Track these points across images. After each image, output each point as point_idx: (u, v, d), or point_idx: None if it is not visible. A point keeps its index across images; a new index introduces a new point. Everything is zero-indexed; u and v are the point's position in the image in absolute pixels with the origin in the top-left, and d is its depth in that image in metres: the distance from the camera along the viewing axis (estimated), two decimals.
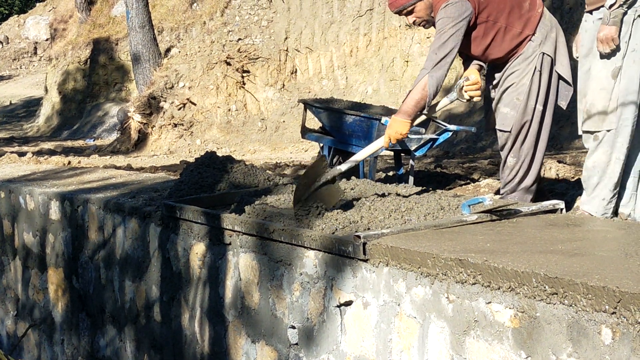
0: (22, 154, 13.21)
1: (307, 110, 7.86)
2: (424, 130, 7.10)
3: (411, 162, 7.02)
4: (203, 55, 17.95)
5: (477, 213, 3.93)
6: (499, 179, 7.41)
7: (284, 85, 17.41)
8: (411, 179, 6.76)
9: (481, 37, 5.02)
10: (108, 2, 24.39)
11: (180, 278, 4.87)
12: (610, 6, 4.20)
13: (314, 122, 8.48)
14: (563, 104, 5.24)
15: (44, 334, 6.70)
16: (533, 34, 5.06)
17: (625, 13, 4.44)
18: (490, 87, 5.26)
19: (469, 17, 4.87)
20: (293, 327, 3.95)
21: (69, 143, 20.14)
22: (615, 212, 4.84)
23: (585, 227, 3.72)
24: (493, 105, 5.27)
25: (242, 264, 4.29)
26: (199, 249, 4.66)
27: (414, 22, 5.12)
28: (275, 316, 4.07)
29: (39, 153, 15.77)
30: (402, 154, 7.49)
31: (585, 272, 2.77)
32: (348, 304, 3.63)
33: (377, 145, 4.72)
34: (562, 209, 4.16)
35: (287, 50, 17.67)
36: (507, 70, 5.12)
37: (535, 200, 5.15)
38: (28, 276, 6.82)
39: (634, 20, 4.55)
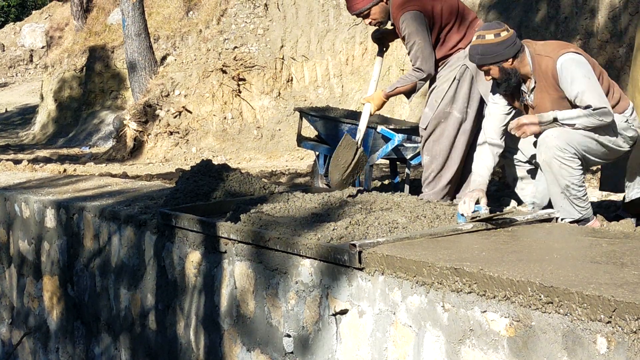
0: (17, 162, 13.19)
1: (303, 118, 7.86)
2: (419, 139, 7.10)
3: (407, 170, 7.01)
4: (199, 63, 17.95)
5: (473, 222, 3.93)
6: (497, 184, 7.42)
7: (279, 93, 17.42)
8: (407, 187, 6.76)
9: None
10: (104, 10, 24.41)
11: (175, 286, 4.86)
12: (555, 119, 4.35)
13: (309, 131, 8.48)
14: None
15: (39, 342, 6.68)
16: (464, 48, 5.53)
17: None
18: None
19: (425, 20, 5.51)
20: (288, 336, 3.94)
21: (65, 151, 20.12)
22: None
23: (581, 237, 3.73)
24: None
25: (237, 272, 4.29)
26: (194, 257, 4.66)
27: (370, 23, 5.82)
28: (271, 325, 4.07)
29: (35, 161, 15.75)
30: (397, 162, 7.49)
31: (581, 281, 2.78)
32: (343, 312, 3.63)
33: (367, 111, 5.79)
34: (557, 218, 4.17)
35: (283, 59, 17.68)
36: (435, 76, 5.67)
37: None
38: (23, 284, 6.81)
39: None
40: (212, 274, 4.51)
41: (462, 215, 4.04)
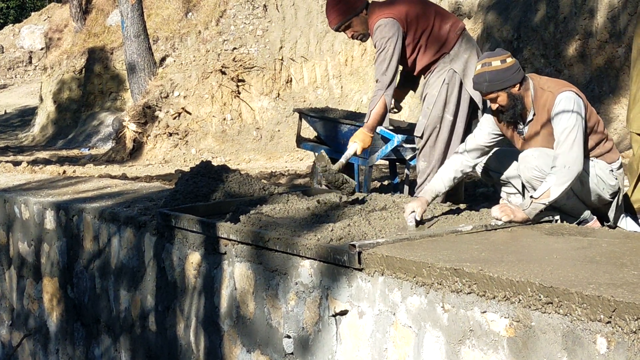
0: (17, 163, 13.20)
1: (302, 119, 7.87)
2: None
3: (406, 171, 7.02)
4: (198, 64, 17.96)
5: (473, 223, 3.94)
6: (493, 188, 7.40)
7: (279, 94, 17.42)
8: (406, 188, 6.76)
9: (407, 54, 5.65)
10: (103, 12, 24.42)
11: (175, 287, 4.86)
12: (533, 198, 4.21)
13: (309, 132, 8.48)
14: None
15: (39, 344, 6.69)
16: (448, 53, 5.61)
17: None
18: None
19: (400, 34, 5.52)
20: (288, 337, 3.94)
21: (64, 152, 20.12)
22: None
23: (581, 237, 3.73)
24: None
25: (237, 273, 4.29)
26: (194, 259, 4.66)
27: (352, 36, 5.80)
28: (271, 326, 4.07)
29: (34, 162, 15.76)
30: (397, 163, 7.49)
31: (580, 282, 2.78)
32: (343, 313, 3.63)
33: (352, 151, 5.52)
34: (557, 219, 4.17)
35: (282, 60, 17.69)
36: (425, 83, 5.73)
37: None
38: (23, 285, 6.81)
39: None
40: (212, 275, 4.51)
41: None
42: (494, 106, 4.55)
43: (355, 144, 5.52)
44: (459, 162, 4.68)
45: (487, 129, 4.71)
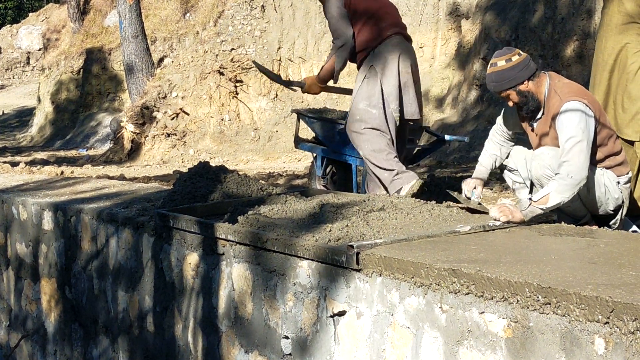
0: (14, 164, 13.20)
1: (300, 120, 7.87)
2: (417, 140, 7.10)
3: None
4: (196, 65, 17.95)
5: (471, 224, 3.94)
6: (491, 189, 7.42)
7: (277, 95, 17.42)
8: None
9: None
10: (101, 12, 24.42)
11: (173, 288, 4.86)
12: (532, 201, 4.20)
13: (307, 132, 8.48)
14: (415, 117, 5.99)
15: (37, 345, 6.68)
16: (374, 49, 5.85)
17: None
18: None
19: (342, 5, 5.86)
20: (286, 338, 3.94)
21: (62, 153, 20.12)
22: None
23: (579, 238, 3.73)
24: None
25: (235, 274, 4.29)
26: (192, 259, 4.65)
27: None
28: (269, 326, 4.06)
29: (32, 163, 15.75)
30: None
31: (578, 282, 2.78)
32: (341, 314, 3.63)
33: (296, 82, 6.69)
34: (554, 220, 4.17)
35: (280, 60, 17.69)
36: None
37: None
38: (21, 286, 6.80)
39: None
40: (210, 276, 4.51)
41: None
42: (510, 104, 4.62)
43: (303, 82, 6.49)
44: (494, 140, 4.80)
45: (508, 116, 4.81)
